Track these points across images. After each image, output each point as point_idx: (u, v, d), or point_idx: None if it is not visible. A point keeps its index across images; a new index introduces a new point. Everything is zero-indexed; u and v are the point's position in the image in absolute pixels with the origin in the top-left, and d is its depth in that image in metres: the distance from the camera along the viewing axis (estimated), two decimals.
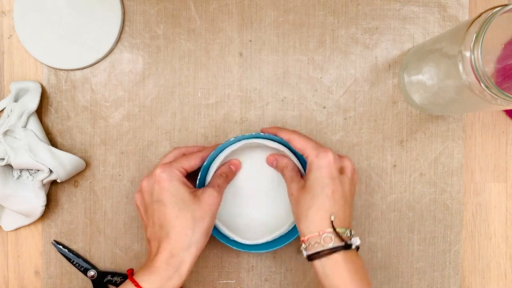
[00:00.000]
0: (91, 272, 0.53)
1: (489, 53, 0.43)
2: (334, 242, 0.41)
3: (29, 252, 0.54)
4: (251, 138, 0.48)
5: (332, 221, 0.42)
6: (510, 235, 0.56)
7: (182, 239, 0.42)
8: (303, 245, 0.43)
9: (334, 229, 0.42)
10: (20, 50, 0.53)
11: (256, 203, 0.52)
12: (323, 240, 0.41)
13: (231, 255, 0.54)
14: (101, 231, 0.54)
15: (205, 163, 0.48)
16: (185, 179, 0.45)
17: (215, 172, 0.49)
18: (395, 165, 0.54)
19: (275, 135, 0.48)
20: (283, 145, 0.49)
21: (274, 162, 0.50)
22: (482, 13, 0.38)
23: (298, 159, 0.49)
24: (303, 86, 0.54)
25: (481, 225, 0.56)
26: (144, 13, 0.53)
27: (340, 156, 0.46)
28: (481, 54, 0.36)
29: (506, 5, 0.37)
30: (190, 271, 0.43)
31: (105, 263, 0.54)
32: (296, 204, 0.45)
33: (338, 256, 0.41)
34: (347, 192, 0.44)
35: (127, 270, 0.46)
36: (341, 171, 0.45)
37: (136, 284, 0.41)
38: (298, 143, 0.46)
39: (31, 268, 0.54)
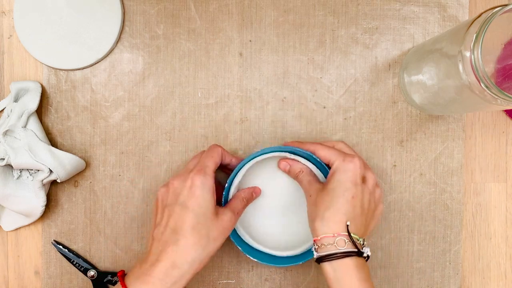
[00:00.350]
0: (91, 272, 0.53)
1: (489, 53, 0.43)
2: (347, 246, 0.41)
3: (29, 252, 0.54)
4: (272, 152, 0.48)
5: (347, 226, 0.42)
6: (510, 235, 0.56)
7: (189, 253, 0.41)
8: (314, 245, 0.42)
9: (349, 234, 0.41)
10: (20, 50, 0.53)
11: (276, 217, 0.52)
12: (336, 242, 0.41)
13: (231, 255, 0.54)
14: (101, 231, 0.54)
15: (230, 175, 0.48)
16: (214, 191, 0.44)
17: (237, 192, 0.49)
18: (395, 165, 0.54)
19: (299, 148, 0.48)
20: (307, 159, 0.48)
21: (287, 167, 0.49)
22: (482, 13, 0.38)
23: (319, 169, 0.49)
24: (303, 86, 0.54)
25: (481, 225, 0.56)
26: (144, 13, 0.53)
27: (365, 166, 0.46)
28: (481, 54, 0.36)
29: (506, 5, 0.37)
30: (188, 286, 0.42)
31: (105, 263, 0.54)
32: (314, 204, 0.44)
33: (350, 262, 0.41)
34: (366, 203, 0.44)
35: (118, 272, 0.43)
36: (363, 180, 0.45)
37: None
38: (323, 152, 0.46)
39: (31, 268, 0.54)
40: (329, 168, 0.47)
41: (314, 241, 0.43)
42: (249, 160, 0.48)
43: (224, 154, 0.48)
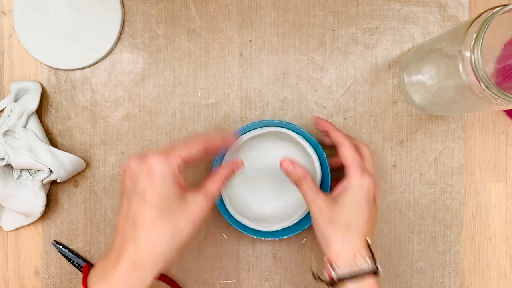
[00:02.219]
0: None
1: (489, 53, 0.43)
2: (371, 265, 0.40)
3: (29, 252, 0.54)
4: (266, 126, 0.48)
5: (369, 245, 0.41)
6: (510, 235, 0.56)
7: (152, 250, 0.37)
8: (332, 264, 0.41)
9: (372, 253, 0.41)
10: (20, 50, 0.53)
11: (267, 192, 0.52)
12: (359, 261, 0.40)
13: (231, 255, 0.54)
14: (101, 231, 0.54)
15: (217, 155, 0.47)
16: (180, 176, 0.39)
17: (215, 169, 0.44)
18: (395, 165, 0.54)
19: (326, 131, 0.47)
20: (308, 142, 0.48)
21: (289, 168, 0.46)
22: (482, 13, 0.38)
23: (319, 159, 0.48)
24: (303, 86, 0.54)
25: (481, 225, 0.56)
26: (144, 13, 0.53)
27: (375, 184, 0.44)
28: (481, 54, 0.36)
29: (506, 5, 0.37)
30: (152, 284, 0.37)
31: None
32: (329, 220, 0.42)
33: (372, 281, 0.40)
34: (375, 221, 0.44)
35: (83, 266, 0.39)
36: (374, 199, 0.44)
37: None
38: (346, 153, 0.44)
39: (31, 268, 0.54)
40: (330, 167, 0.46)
41: (330, 260, 0.41)
42: (245, 132, 0.47)
43: (213, 145, 0.42)
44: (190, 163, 0.40)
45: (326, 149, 0.49)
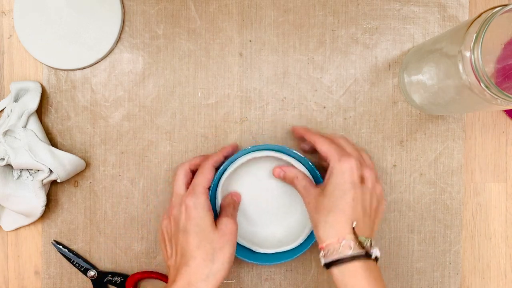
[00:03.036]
0: (91, 272, 0.53)
1: (489, 53, 0.43)
2: (353, 250, 0.40)
3: (29, 252, 0.54)
4: (262, 150, 0.48)
5: (353, 228, 0.41)
6: (510, 235, 0.56)
7: (201, 270, 0.42)
8: (321, 252, 0.42)
9: (356, 236, 0.41)
10: (20, 50, 0.53)
11: (268, 216, 0.52)
12: (342, 247, 0.40)
13: None
14: (101, 231, 0.54)
15: (215, 176, 0.48)
16: (210, 206, 0.45)
17: (220, 203, 0.49)
18: (395, 165, 0.54)
19: (303, 135, 0.49)
20: (295, 158, 0.49)
21: (281, 173, 0.49)
22: (482, 13, 0.38)
23: (310, 173, 0.49)
24: (303, 86, 0.54)
25: (481, 225, 0.56)
26: (144, 13, 0.53)
27: (362, 165, 0.45)
28: (481, 54, 0.36)
29: (506, 5, 0.37)
30: None
31: (105, 263, 0.54)
32: (315, 210, 0.44)
33: (358, 265, 0.40)
34: (367, 202, 0.43)
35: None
36: (362, 180, 0.44)
37: None
38: (323, 146, 0.46)
39: (31, 268, 0.54)
40: (320, 170, 0.47)
41: (320, 248, 0.42)
42: (238, 157, 0.48)
43: (216, 161, 0.48)
44: (209, 186, 0.47)
45: (317, 167, 0.50)
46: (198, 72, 0.53)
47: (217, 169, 0.49)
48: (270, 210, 0.52)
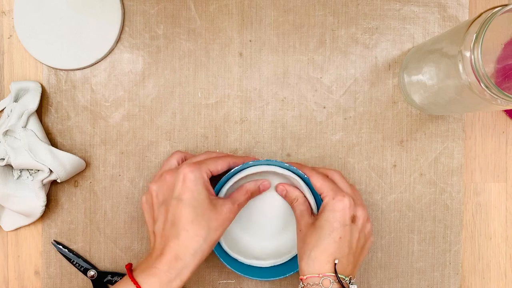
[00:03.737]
0: (91, 272, 0.53)
1: (489, 53, 0.43)
2: (332, 286, 0.41)
3: (29, 252, 0.54)
4: (274, 165, 0.48)
5: (335, 265, 0.42)
6: (510, 235, 0.56)
7: (192, 245, 0.42)
8: (301, 283, 0.43)
9: (336, 274, 0.42)
10: (20, 50, 0.53)
11: (263, 229, 0.53)
12: (321, 282, 0.42)
13: None
14: (101, 231, 0.54)
15: (229, 172, 0.48)
16: (209, 184, 0.45)
17: (244, 184, 0.49)
18: (395, 165, 0.54)
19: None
20: (302, 179, 0.49)
21: (284, 192, 0.50)
22: (482, 13, 0.38)
23: (313, 195, 0.49)
24: (303, 86, 0.54)
25: (481, 225, 0.56)
26: (144, 13, 0.53)
27: (355, 203, 0.45)
28: (481, 54, 0.36)
29: (506, 5, 0.37)
30: (190, 277, 0.43)
31: (105, 263, 0.54)
32: (302, 241, 0.45)
33: None
34: (354, 241, 0.44)
35: (126, 265, 0.44)
36: (353, 219, 0.45)
37: (138, 286, 0.41)
38: (318, 182, 0.46)
39: (31, 268, 0.54)
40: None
41: (300, 279, 0.43)
42: (252, 166, 0.48)
43: (236, 162, 0.48)
44: (214, 174, 0.46)
45: None
46: (198, 72, 0.53)
47: (223, 174, 0.48)
48: (269, 223, 0.52)
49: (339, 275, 0.42)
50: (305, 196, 0.49)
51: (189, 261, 0.42)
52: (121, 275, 0.53)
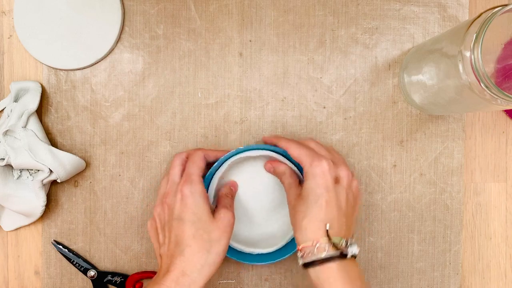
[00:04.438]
0: (91, 272, 0.53)
1: (489, 53, 0.43)
2: (328, 251, 0.41)
3: (29, 252, 0.54)
4: (255, 149, 0.48)
5: (327, 230, 0.42)
6: (510, 235, 0.56)
7: (196, 260, 0.42)
8: (299, 253, 0.43)
9: (329, 238, 0.42)
10: (20, 50, 0.53)
11: (260, 214, 0.53)
12: (316, 249, 0.41)
13: None
14: (101, 231, 0.54)
15: (207, 174, 0.48)
16: (205, 193, 0.45)
17: (217, 193, 0.49)
18: (395, 165, 0.54)
19: (275, 144, 0.49)
20: (285, 157, 0.49)
21: (271, 169, 0.50)
22: (482, 13, 0.38)
23: (299, 169, 0.49)
24: (303, 86, 0.54)
25: (481, 225, 0.56)
26: (144, 13, 0.53)
27: (336, 164, 0.45)
28: (481, 54, 0.36)
29: (506, 5, 0.37)
30: None
31: (105, 263, 0.54)
32: (293, 212, 0.45)
33: (332, 265, 0.41)
34: (343, 202, 0.44)
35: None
36: (337, 180, 0.44)
37: None
38: (295, 151, 0.46)
39: (31, 268, 0.54)
40: None
41: (298, 250, 0.43)
42: (232, 155, 0.48)
43: (208, 154, 0.49)
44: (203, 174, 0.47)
45: None
46: (198, 72, 0.53)
47: (209, 167, 0.49)
48: (264, 207, 0.52)
49: (333, 239, 0.41)
50: (292, 169, 0.49)
51: (196, 276, 0.42)
52: (121, 275, 0.53)
